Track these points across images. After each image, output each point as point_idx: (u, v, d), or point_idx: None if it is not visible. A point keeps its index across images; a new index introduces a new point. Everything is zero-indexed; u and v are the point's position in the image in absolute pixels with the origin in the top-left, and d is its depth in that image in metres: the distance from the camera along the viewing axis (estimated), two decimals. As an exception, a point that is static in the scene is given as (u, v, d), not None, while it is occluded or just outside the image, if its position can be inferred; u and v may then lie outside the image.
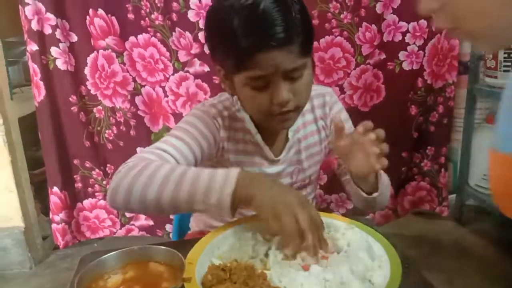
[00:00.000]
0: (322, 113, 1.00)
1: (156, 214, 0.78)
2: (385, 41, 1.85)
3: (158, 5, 1.76)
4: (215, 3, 0.85)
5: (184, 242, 0.94)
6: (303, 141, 0.99)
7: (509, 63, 1.78)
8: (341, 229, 0.74)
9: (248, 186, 0.69)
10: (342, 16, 1.80)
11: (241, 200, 0.69)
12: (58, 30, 1.72)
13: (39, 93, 1.77)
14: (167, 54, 1.83)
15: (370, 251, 0.66)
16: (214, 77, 1.85)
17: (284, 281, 0.60)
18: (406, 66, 1.90)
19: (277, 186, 0.73)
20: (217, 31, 0.82)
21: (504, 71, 1.81)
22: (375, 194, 0.90)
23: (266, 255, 0.67)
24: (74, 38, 1.77)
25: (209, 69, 1.84)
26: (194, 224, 1.09)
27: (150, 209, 0.75)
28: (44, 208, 2.11)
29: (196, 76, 1.86)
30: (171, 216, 1.74)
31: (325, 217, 0.77)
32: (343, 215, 1.02)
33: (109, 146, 1.92)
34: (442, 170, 2.07)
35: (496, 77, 1.85)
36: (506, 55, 1.79)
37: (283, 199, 0.68)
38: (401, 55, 1.89)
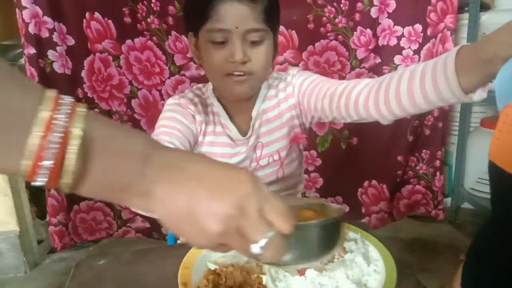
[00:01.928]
0: (283, 94, 0.99)
1: None
2: (380, 45, 1.86)
3: (155, 8, 1.77)
4: None
5: (180, 246, 0.94)
6: (275, 121, 0.99)
7: (504, 68, 1.80)
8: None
9: None
10: (337, 20, 1.81)
11: None
12: (55, 33, 1.72)
13: (35, 96, 1.76)
14: (163, 57, 1.83)
15: (366, 256, 0.66)
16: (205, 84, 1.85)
17: (280, 285, 0.60)
18: (401, 70, 1.91)
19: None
20: None
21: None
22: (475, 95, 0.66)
23: (262, 259, 0.67)
24: (71, 41, 1.77)
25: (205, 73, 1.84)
26: None
27: None
28: (39, 212, 2.10)
29: (192, 79, 1.86)
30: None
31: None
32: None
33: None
34: (438, 173, 2.08)
35: (491, 81, 1.86)
36: (500, 60, 1.80)
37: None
38: (397, 59, 1.90)
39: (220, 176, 0.41)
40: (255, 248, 0.41)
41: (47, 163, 0.33)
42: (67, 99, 0.35)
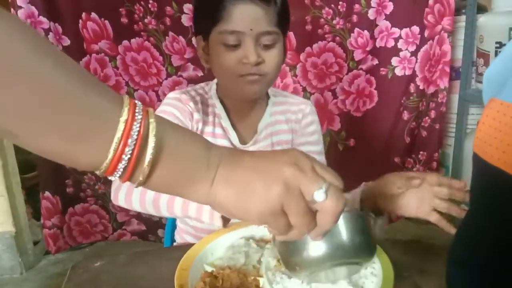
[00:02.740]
0: (294, 117, 1.02)
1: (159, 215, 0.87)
2: (378, 46, 1.87)
3: (152, 9, 1.76)
4: None
5: (176, 248, 0.93)
6: (275, 136, 1.00)
7: (500, 69, 1.80)
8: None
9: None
10: (334, 22, 1.81)
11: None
12: (50, 33, 1.71)
13: (31, 97, 1.75)
14: (160, 58, 1.83)
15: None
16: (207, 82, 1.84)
17: (277, 287, 0.59)
18: (398, 71, 1.92)
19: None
20: None
21: (495, 77, 1.82)
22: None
23: (259, 261, 0.67)
24: (67, 41, 1.76)
25: (202, 74, 1.84)
26: (178, 236, 1.07)
27: (149, 211, 0.75)
28: (35, 212, 2.09)
29: (190, 80, 1.86)
30: (164, 221, 1.73)
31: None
32: None
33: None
34: (434, 175, 2.08)
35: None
36: (497, 62, 1.80)
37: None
38: (394, 60, 1.90)
39: (271, 152, 0.47)
40: (319, 195, 0.43)
41: (124, 162, 0.37)
42: (140, 104, 0.40)
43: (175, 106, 0.92)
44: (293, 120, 1.02)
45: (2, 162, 1.85)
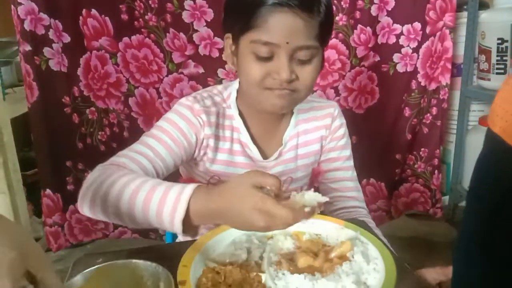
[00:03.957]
0: (322, 123, 0.97)
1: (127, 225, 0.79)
2: (380, 43, 1.86)
3: (152, 6, 1.75)
4: None
5: (178, 245, 0.93)
6: (301, 148, 0.94)
7: (502, 66, 1.80)
8: (334, 231, 0.73)
9: (204, 215, 0.63)
10: (337, 18, 1.80)
11: (200, 222, 0.64)
12: (51, 30, 1.71)
13: (32, 93, 1.75)
14: (161, 55, 1.82)
15: (365, 254, 0.66)
16: (209, 79, 1.84)
17: (279, 283, 0.59)
18: (400, 68, 1.91)
19: (227, 200, 0.62)
20: None
21: (497, 73, 1.82)
22: None
23: (261, 257, 0.67)
24: (67, 38, 1.75)
25: (203, 71, 1.83)
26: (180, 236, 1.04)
27: (115, 222, 0.72)
28: (36, 209, 2.09)
29: (191, 77, 1.85)
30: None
31: (319, 219, 0.77)
32: (322, 187, 1.03)
33: (102, 147, 1.91)
34: (436, 171, 2.08)
35: (489, 80, 1.86)
36: (499, 58, 1.80)
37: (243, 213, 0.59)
38: (395, 57, 1.90)
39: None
40: None
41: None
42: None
43: (184, 117, 0.84)
44: (321, 127, 0.96)
45: (3, 159, 1.85)
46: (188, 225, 0.63)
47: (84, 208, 0.73)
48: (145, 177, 0.72)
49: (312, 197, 0.60)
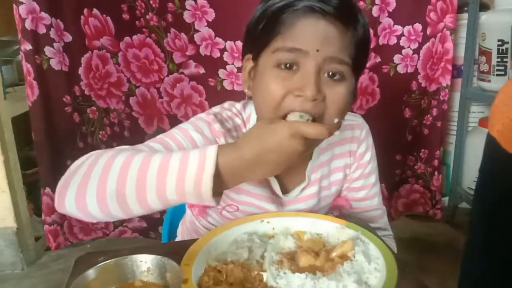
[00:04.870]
0: (347, 148, 0.87)
1: (124, 214, 0.61)
2: (381, 44, 1.86)
3: (153, 5, 1.76)
4: None
5: (178, 244, 0.93)
6: (324, 179, 0.85)
7: (502, 67, 1.80)
8: (335, 230, 0.73)
9: (235, 161, 0.57)
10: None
11: (231, 179, 0.58)
12: (52, 29, 1.71)
13: (33, 93, 1.75)
14: (162, 55, 1.82)
15: (366, 253, 0.66)
16: (209, 79, 1.84)
17: (280, 282, 0.59)
18: (400, 69, 1.92)
19: (260, 140, 0.58)
20: None
21: (497, 75, 1.82)
22: None
23: (262, 256, 0.67)
24: (69, 38, 1.76)
25: (204, 71, 1.84)
26: (184, 233, 0.99)
27: (113, 210, 0.60)
28: (36, 208, 2.09)
29: (191, 78, 1.85)
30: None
31: (319, 219, 0.77)
32: (338, 217, 1.01)
33: (103, 147, 1.91)
34: (436, 173, 2.08)
35: (489, 81, 1.87)
36: (499, 59, 1.80)
37: (273, 144, 0.57)
38: (396, 58, 1.90)
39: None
40: None
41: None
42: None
43: (199, 130, 0.75)
44: (346, 154, 0.86)
45: (3, 158, 1.85)
46: (217, 186, 0.56)
47: (68, 200, 0.60)
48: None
49: None
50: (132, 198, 0.58)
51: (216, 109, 0.82)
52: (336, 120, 0.59)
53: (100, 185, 0.58)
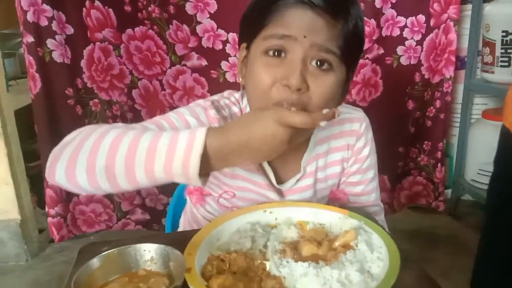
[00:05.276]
0: (345, 142, 0.86)
1: (113, 189, 0.60)
2: (384, 35, 1.85)
3: (155, -3, 1.75)
4: None
5: (182, 234, 0.94)
6: (320, 171, 0.85)
7: (506, 59, 1.79)
8: (338, 220, 0.74)
9: (222, 156, 0.58)
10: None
11: (218, 161, 0.59)
12: (54, 22, 1.71)
13: (35, 85, 1.75)
14: (164, 47, 1.82)
15: (369, 243, 0.66)
16: (212, 71, 1.84)
17: (283, 271, 0.60)
18: (404, 61, 1.91)
19: (247, 127, 0.58)
20: None
21: (501, 66, 1.81)
22: None
23: (265, 246, 0.67)
24: (71, 30, 1.76)
25: (207, 63, 1.83)
26: (186, 223, 1.00)
27: (102, 184, 0.60)
28: (40, 201, 2.10)
29: (194, 70, 1.85)
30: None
31: (322, 209, 0.77)
32: (341, 207, 1.00)
33: (106, 139, 1.91)
34: (439, 165, 2.08)
35: (493, 72, 1.86)
36: (503, 51, 1.79)
37: (261, 132, 0.57)
38: (399, 49, 1.89)
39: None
40: None
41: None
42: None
43: (197, 117, 0.76)
44: (344, 147, 0.86)
45: (7, 151, 1.86)
46: (204, 167, 0.57)
47: (58, 172, 0.61)
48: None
49: None
50: (121, 176, 0.59)
51: (215, 96, 0.83)
52: (324, 111, 0.58)
53: (90, 161, 0.59)
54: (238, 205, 0.84)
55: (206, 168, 0.58)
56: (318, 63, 0.68)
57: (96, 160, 0.59)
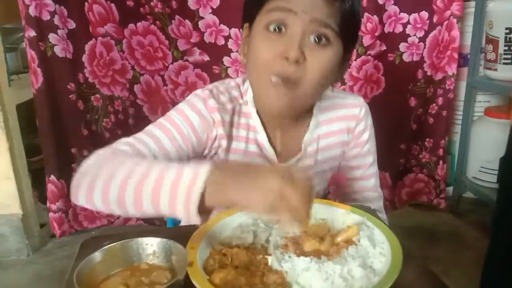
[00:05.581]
0: (345, 125, 0.88)
1: (125, 215, 0.63)
2: (386, 32, 1.84)
3: (158, -8, 1.74)
4: None
5: (184, 228, 0.94)
6: (321, 152, 0.87)
7: (510, 56, 1.78)
8: (340, 216, 0.73)
9: (220, 189, 0.58)
10: (343, 6, 1.78)
11: (215, 205, 0.60)
12: (56, 16, 1.70)
13: (37, 80, 1.75)
14: (166, 42, 1.82)
15: (371, 238, 0.66)
16: (214, 67, 1.84)
17: (285, 266, 0.59)
18: (406, 57, 1.90)
19: (253, 173, 0.59)
20: None
21: (504, 63, 1.80)
22: None
23: (267, 241, 0.67)
24: (73, 24, 1.75)
25: (209, 59, 1.83)
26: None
27: (115, 210, 0.65)
28: (41, 195, 2.11)
29: (196, 65, 1.85)
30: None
31: (324, 204, 0.77)
32: (341, 194, 1.00)
33: (107, 135, 1.92)
34: (440, 162, 2.08)
35: (496, 70, 1.85)
36: (506, 48, 1.78)
37: (266, 187, 0.56)
38: (402, 46, 1.88)
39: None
40: None
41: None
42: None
43: (196, 110, 0.79)
44: (344, 130, 0.88)
45: (8, 146, 1.86)
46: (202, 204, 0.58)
47: (80, 196, 0.67)
48: (152, 159, 0.70)
49: None
50: (130, 206, 0.62)
51: (216, 83, 0.85)
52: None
53: (104, 193, 0.64)
54: None
55: (202, 207, 0.58)
56: (317, 39, 0.71)
57: (109, 192, 0.63)
